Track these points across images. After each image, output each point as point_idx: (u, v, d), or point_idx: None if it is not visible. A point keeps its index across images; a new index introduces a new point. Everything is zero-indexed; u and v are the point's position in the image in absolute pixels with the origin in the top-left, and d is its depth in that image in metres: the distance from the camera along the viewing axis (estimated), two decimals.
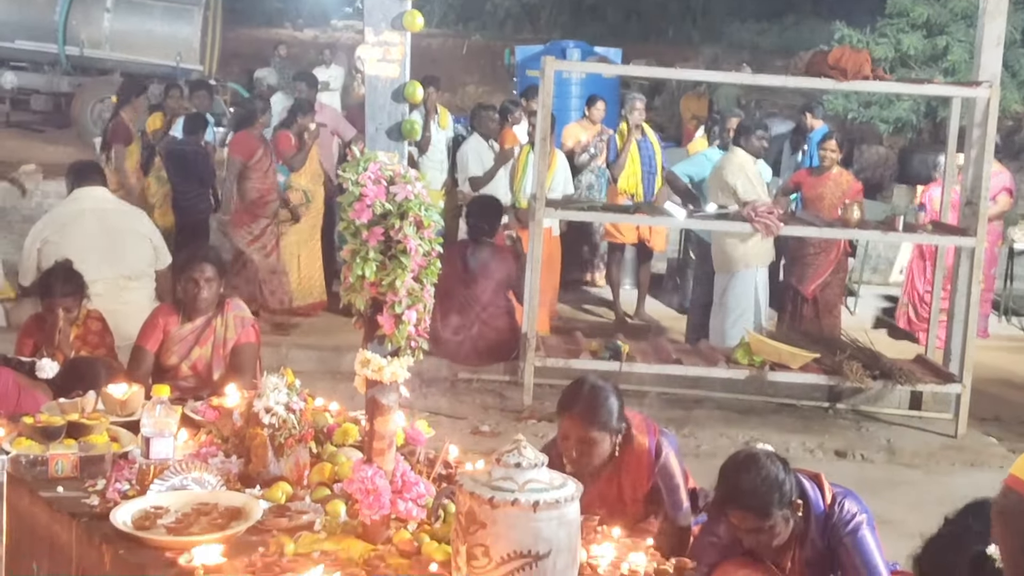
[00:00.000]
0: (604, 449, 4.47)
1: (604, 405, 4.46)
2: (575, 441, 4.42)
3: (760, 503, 4.02)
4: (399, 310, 3.58)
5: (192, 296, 6.07)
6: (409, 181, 3.61)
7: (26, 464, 4.04)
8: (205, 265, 6.09)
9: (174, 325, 6.14)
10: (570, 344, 9.02)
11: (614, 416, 4.47)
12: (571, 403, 4.48)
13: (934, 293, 9.73)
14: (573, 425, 4.43)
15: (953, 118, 9.47)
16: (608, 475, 4.54)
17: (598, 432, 4.42)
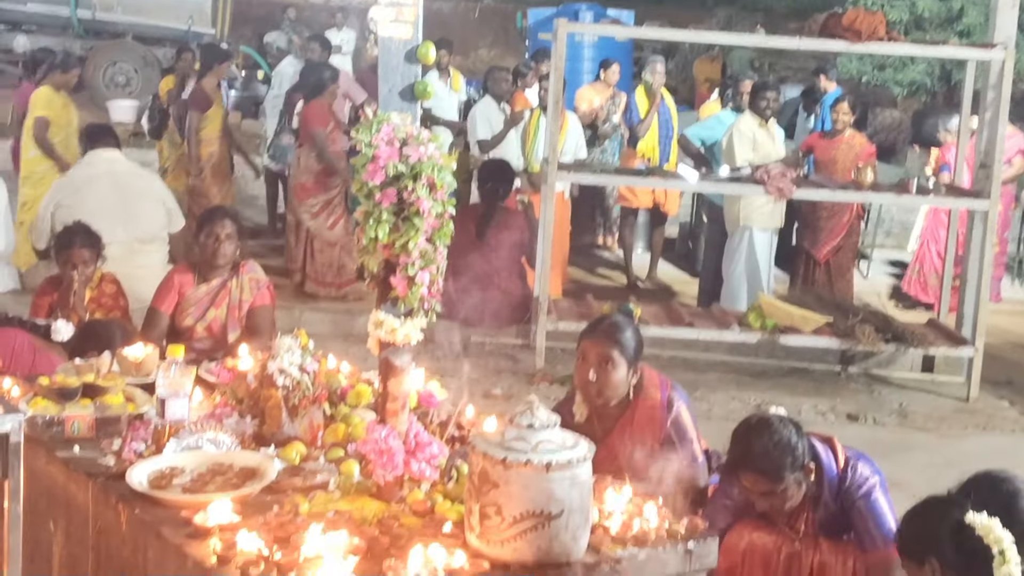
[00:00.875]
0: (621, 376, 4.45)
1: (625, 331, 4.49)
2: (595, 360, 4.41)
3: (772, 467, 4.04)
4: (412, 272, 3.60)
5: (212, 251, 6.11)
6: (422, 143, 3.62)
7: (42, 424, 4.07)
8: (226, 221, 6.16)
9: (189, 287, 6.17)
10: (582, 307, 9.02)
11: (633, 346, 4.48)
12: (593, 327, 4.54)
13: (946, 257, 9.71)
14: (594, 345, 4.44)
15: (968, 81, 9.43)
16: (619, 428, 4.54)
17: (617, 353, 4.42)
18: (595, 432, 4.44)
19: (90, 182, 8.28)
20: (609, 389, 4.46)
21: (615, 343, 4.42)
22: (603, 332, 4.46)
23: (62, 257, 6.39)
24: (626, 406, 4.54)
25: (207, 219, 6.24)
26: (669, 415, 4.52)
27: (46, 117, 9.86)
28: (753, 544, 4.27)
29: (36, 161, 9.86)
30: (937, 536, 3.46)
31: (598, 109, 11.59)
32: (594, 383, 4.43)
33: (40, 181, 9.64)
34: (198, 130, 10.49)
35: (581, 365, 4.47)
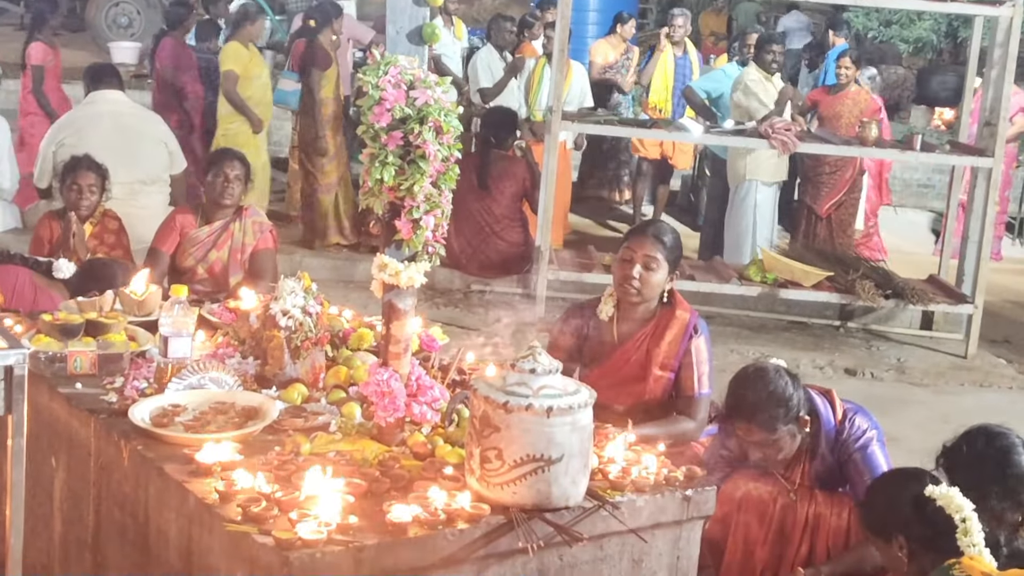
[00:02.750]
0: (660, 279, 4.49)
1: (669, 235, 4.54)
2: (640, 259, 4.44)
3: (766, 417, 4.07)
4: (417, 215, 3.59)
5: (220, 191, 6.14)
6: (429, 86, 3.60)
7: (45, 361, 4.08)
8: (236, 162, 6.19)
9: (191, 227, 6.19)
10: (583, 258, 9.04)
11: (676, 251, 4.55)
12: (641, 228, 4.68)
13: (948, 214, 9.71)
14: (640, 244, 4.48)
15: (974, 38, 9.39)
16: (640, 335, 4.55)
17: (662, 256, 4.46)
18: (614, 334, 4.56)
19: (93, 122, 8.25)
20: (648, 289, 4.49)
21: (661, 244, 4.47)
22: (650, 233, 4.51)
23: (68, 182, 6.41)
24: (650, 316, 4.56)
25: (217, 159, 6.30)
26: (695, 335, 4.54)
27: (235, 71, 9.58)
28: (749, 494, 4.30)
29: (229, 118, 9.65)
30: (900, 512, 3.50)
31: (613, 63, 11.56)
32: (636, 280, 4.45)
33: (234, 138, 9.42)
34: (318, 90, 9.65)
35: (624, 264, 4.50)
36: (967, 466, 3.77)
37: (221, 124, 9.75)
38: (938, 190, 13.17)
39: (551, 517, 3.23)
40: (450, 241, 8.30)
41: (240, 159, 6.31)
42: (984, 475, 3.72)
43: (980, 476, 3.70)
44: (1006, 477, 3.73)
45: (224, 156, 6.33)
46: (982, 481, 3.67)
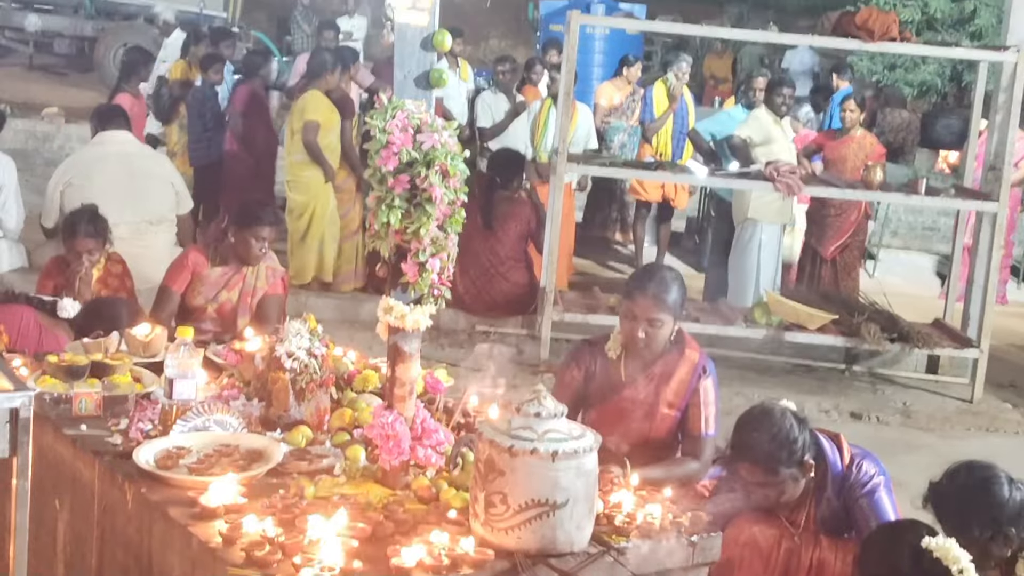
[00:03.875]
0: (667, 333, 4.52)
1: (671, 289, 4.52)
2: (644, 319, 4.46)
3: (768, 458, 4.06)
4: (423, 258, 3.60)
5: (248, 251, 6.08)
6: (436, 130, 3.62)
7: (50, 402, 4.08)
8: (271, 228, 6.15)
9: (203, 267, 6.17)
10: (588, 299, 9.04)
11: (680, 302, 4.55)
12: (642, 284, 4.54)
13: (953, 258, 9.71)
14: (643, 306, 4.47)
15: (979, 83, 9.42)
16: (648, 375, 4.57)
17: (666, 314, 4.48)
18: (621, 372, 4.58)
19: (100, 162, 8.28)
20: (655, 343, 4.52)
21: (663, 303, 4.48)
22: (651, 293, 4.48)
23: (68, 244, 6.39)
24: (659, 355, 4.58)
25: (253, 219, 6.13)
26: (703, 376, 4.56)
27: (317, 121, 9.33)
28: (753, 537, 4.28)
29: (302, 166, 9.43)
30: (897, 564, 3.49)
31: (618, 105, 11.62)
32: (642, 337, 4.47)
33: (307, 187, 9.40)
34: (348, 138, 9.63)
35: (629, 322, 4.51)
36: (950, 499, 3.78)
37: (292, 171, 9.56)
38: (943, 233, 13.18)
39: (556, 562, 3.21)
40: (455, 281, 8.25)
41: (275, 224, 6.27)
42: (965, 506, 3.72)
43: (962, 507, 3.71)
44: (988, 507, 3.72)
45: (261, 218, 6.17)
46: (964, 512, 3.68)
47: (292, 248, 9.48)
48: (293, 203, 9.49)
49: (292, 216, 9.43)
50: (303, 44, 21.51)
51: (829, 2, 22.03)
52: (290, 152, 9.57)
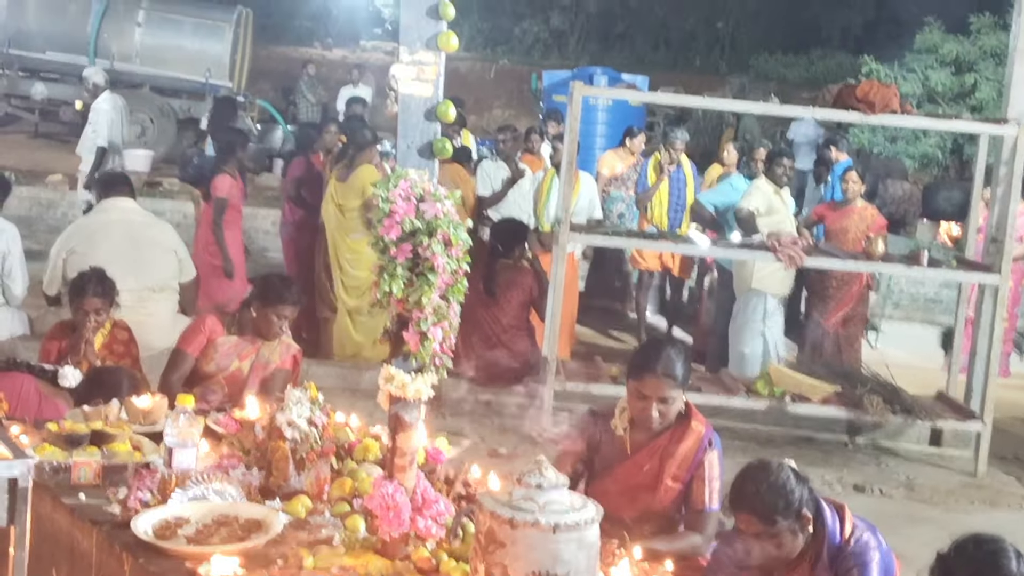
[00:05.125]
0: (676, 409, 4.52)
1: (678, 364, 4.51)
2: (653, 398, 4.45)
3: (764, 508, 4.02)
4: (425, 327, 3.60)
5: (270, 329, 6.07)
6: (439, 199, 3.63)
7: (49, 471, 4.06)
8: (295, 308, 6.13)
9: (219, 334, 6.15)
10: (590, 369, 9.02)
11: (686, 376, 4.55)
12: (649, 363, 4.50)
13: (956, 330, 9.69)
14: (652, 385, 4.46)
15: (980, 155, 9.45)
16: (653, 447, 4.55)
17: (675, 391, 4.48)
18: (626, 443, 4.56)
19: (103, 229, 8.31)
20: (667, 418, 4.53)
21: (672, 380, 4.47)
22: (660, 372, 4.47)
23: (75, 304, 6.39)
24: (665, 427, 4.57)
25: (277, 298, 6.10)
26: (709, 449, 4.55)
27: None
28: None
29: (362, 242, 9.21)
30: None
31: (620, 175, 11.68)
32: (655, 417, 4.48)
33: (358, 260, 9.42)
34: None
35: (640, 402, 4.50)
36: (957, 571, 3.73)
37: (352, 249, 9.55)
38: (946, 305, 13.19)
39: None
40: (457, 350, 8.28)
41: (298, 302, 6.23)
42: None
43: None
44: None
45: (285, 297, 6.12)
46: None
47: (349, 325, 9.48)
48: (355, 280, 9.49)
49: (351, 293, 9.46)
50: (308, 113, 21.73)
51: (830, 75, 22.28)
52: (347, 230, 9.51)
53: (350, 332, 9.56)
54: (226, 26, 19.78)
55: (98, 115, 12.76)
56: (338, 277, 9.61)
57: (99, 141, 12.45)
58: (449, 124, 8.71)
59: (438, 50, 3.87)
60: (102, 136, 12.49)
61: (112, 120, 12.66)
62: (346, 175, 9.55)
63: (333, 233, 9.63)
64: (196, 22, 19.80)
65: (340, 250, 9.61)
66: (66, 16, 19.55)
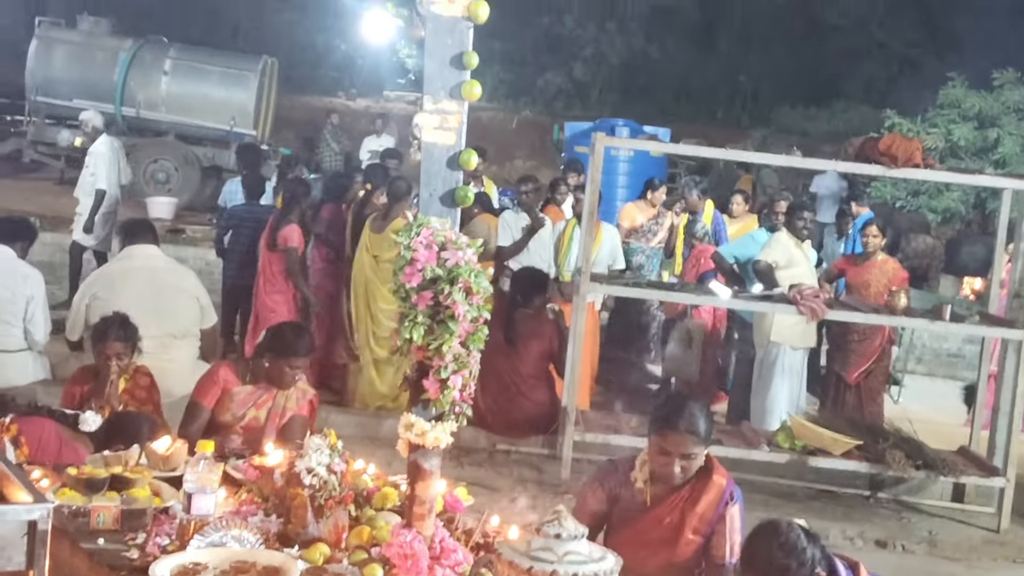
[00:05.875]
0: (698, 464, 4.52)
1: (700, 420, 4.50)
2: (676, 453, 4.45)
3: (776, 569, 3.99)
4: (445, 375, 3.60)
5: (279, 379, 6.08)
6: (460, 247, 3.64)
7: (68, 515, 4.06)
8: (306, 358, 6.14)
9: (234, 383, 6.15)
10: (609, 420, 8.99)
11: (711, 427, 4.55)
12: (674, 419, 4.50)
13: (979, 385, 9.64)
14: (675, 441, 4.46)
15: (1003, 210, 9.42)
16: (674, 499, 4.54)
17: (698, 447, 4.48)
18: (647, 496, 4.56)
19: (126, 276, 8.36)
20: (688, 473, 4.53)
21: (695, 437, 4.47)
22: (683, 429, 4.47)
23: (98, 348, 6.42)
24: (686, 480, 4.56)
25: (289, 349, 6.10)
26: (730, 503, 4.53)
27: None
28: None
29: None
30: None
31: (640, 227, 11.71)
32: (678, 473, 4.48)
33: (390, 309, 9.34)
34: None
35: (662, 457, 4.49)
36: None
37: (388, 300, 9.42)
38: (968, 360, 13.12)
39: None
40: (476, 399, 8.25)
41: (310, 352, 6.25)
42: None
43: None
44: None
45: (298, 348, 6.12)
46: None
47: (375, 376, 9.50)
48: (386, 331, 9.44)
49: (381, 344, 9.48)
50: (331, 162, 21.87)
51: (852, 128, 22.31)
52: (382, 281, 9.47)
53: (375, 383, 9.56)
54: (251, 75, 19.95)
55: (96, 158, 12.81)
56: (368, 327, 9.62)
57: (98, 184, 12.53)
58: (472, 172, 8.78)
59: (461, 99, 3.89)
60: (100, 179, 12.56)
61: (110, 163, 12.74)
62: (382, 226, 9.60)
63: (367, 283, 9.65)
64: (222, 71, 19.98)
65: (374, 300, 9.62)
66: (93, 64, 19.76)
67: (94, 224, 12.51)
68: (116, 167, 12.88)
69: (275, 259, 10.03)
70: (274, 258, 10.04)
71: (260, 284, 10.17)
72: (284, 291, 10.03)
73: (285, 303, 9.95)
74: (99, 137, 13.14)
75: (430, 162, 3.94)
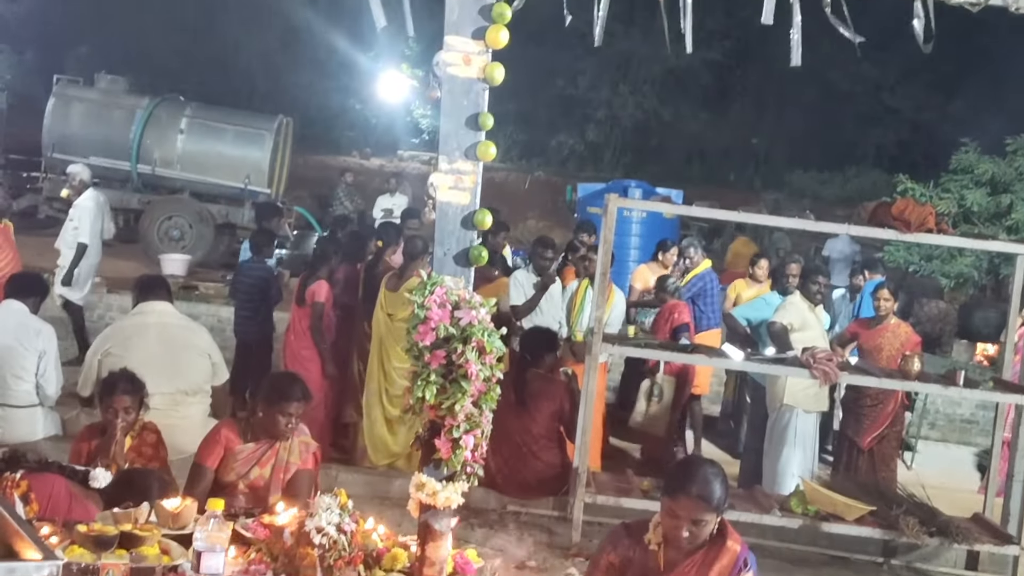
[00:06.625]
0: (708, 531, 4.48)
1: (714, 486, 4.46)
2: (687, 519, 4.41)
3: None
4: (457, 434, 3.59)
5: (278, 427, 6.05)
6: (474, 306, 3.64)
7: (78, 572, 4.04)
8: (301, 403, 6.10)
9: (236, 442, 6.13)
10: (621, 482, 8.93)
11: (723, 498, 4.48)
12: (686, 483, 4.47)
13: (993, 452, 9.58)
14: (687, 507, 4.42)
15: (1017, 276, 9.39)
16: (689, 565, 4.50)
17: (710, 514, 4.43)
18: (660, 561, 4.52)
19: (138, 332, 8.37)
20: (698, 539, 4.48)
21: (708, 505, 4.43)
22: (695, 495, 4.43)
23: (105, 403, 6.42)
24: (700, 545, 4.52)
25: (283, 395, 6.07)
26: (742, 571, 4.50)
27: None
28: None
29: None
30: None
31: (652, 288, 11.73)
32: (686, 537, 4.44)
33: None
34: None
35: (672, 520, 4.46)
36: None
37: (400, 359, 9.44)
38: (982, 426, 13.06)
39: None
40: (487, 459, 8.22)
41: (303, 399, 6.19)
42: None
43: None
44: None
45: (291, 394, 6.08)
46: None
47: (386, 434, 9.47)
48: (400, 389, 9.39)
49: (394, 403, 9.45)
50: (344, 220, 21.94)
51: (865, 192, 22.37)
52: (397, 339, 9.42)
53: (387, 441, 9.54)
54: (267, 134, 20.06)
55: (81, 212, 12.82)
56: (381, 385, 9.61)
57: (80, 238, 12.55)
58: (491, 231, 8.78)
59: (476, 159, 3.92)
60: (84, 233, 12.58)
61: (95, 217, 12.77)
62: (396, 285, 9.62)
63: (382, 341, 9.65)
64: (238, 130, 20.09)
65: (388, 359, 9.61)
66: (110, 122, 19.89)
67: (74, 277, 12.53)
68: (100, 222, 12.90)
69: (304, 315, 10.07)
70: (303, 314, 10.08)
71: (290, 340, 10.20)
72: (314, 347, 10.04)
73: (314, 360, 9.96)
74: (85, 191, 13.11)
75: (445, 221, 3.96)
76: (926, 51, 6.46)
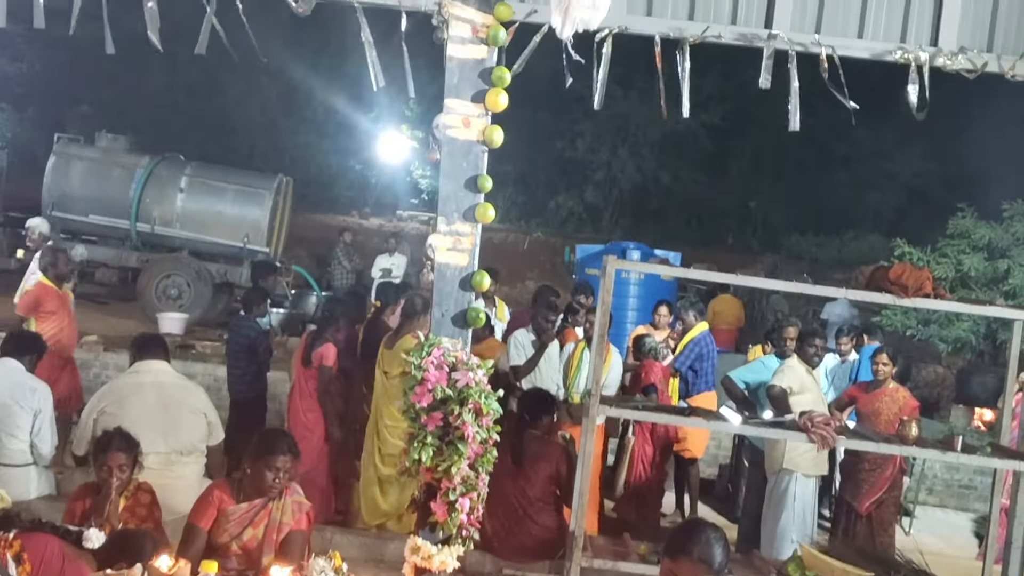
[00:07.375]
0: None
1: (716, 551, 4.44)
2: None
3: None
4: (453, 497, 3.57)
5: (267, 483, 6.02)
6: (471, 368, 3.63)
7: None
8: (288, 457, 6.07)
9: (229, 503, 6.10)
10: (618, 546, 8.86)
11: (726, 559, 4.46)
12: (687, 546, 4.44)
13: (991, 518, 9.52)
14: (690, 570, 4.39)
15: (1014, 341, 9.39)
16: None
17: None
18: None
19: (134, 391, 8.34)
20: None
21: (706, 567, 4.40)
22: (697, 557, 4.41)
23: (99, 461, 6.40)
24: None
25: (268, 449, 6.06)
26: None
27: None
28: None
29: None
30: None
31: None
32: None
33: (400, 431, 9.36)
34: None
35: None
36: None
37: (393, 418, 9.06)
38: (980, 492, 13.00)
39: None
40: (483, 522, 8.17)
41: (290, 452, 6.15)
42: None
43: None
44: None
45: (276, 448, 6.07)
46: None
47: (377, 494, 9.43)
48: (393, 448, 9.13)
49: (387, 462, 9.38)
50: (343, 280, 21.99)
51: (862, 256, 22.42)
52: (391, 398, 9.22)
53: (378, 500, 9.48)
54: (266, 193, 20.10)
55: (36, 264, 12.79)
56: (375, 444, 9.56)
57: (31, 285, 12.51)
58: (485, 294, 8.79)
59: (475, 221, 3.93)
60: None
61: None
62: (392, 343, 9.60)
63: (377, 399, 9.61)
64: (237, 189, 20.14)
65: (382, 416, 9.58)
66: (110, 181, 19.94)
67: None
68: None
69: (310, 376, 10.02)
70: (309, 375, 10.03)
71: (294, 400, 10.15)
72: (319, 409, 9.99)
73: (319, 422, 9.91)
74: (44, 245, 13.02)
75: (443, 282, 3.97)
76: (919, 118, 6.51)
